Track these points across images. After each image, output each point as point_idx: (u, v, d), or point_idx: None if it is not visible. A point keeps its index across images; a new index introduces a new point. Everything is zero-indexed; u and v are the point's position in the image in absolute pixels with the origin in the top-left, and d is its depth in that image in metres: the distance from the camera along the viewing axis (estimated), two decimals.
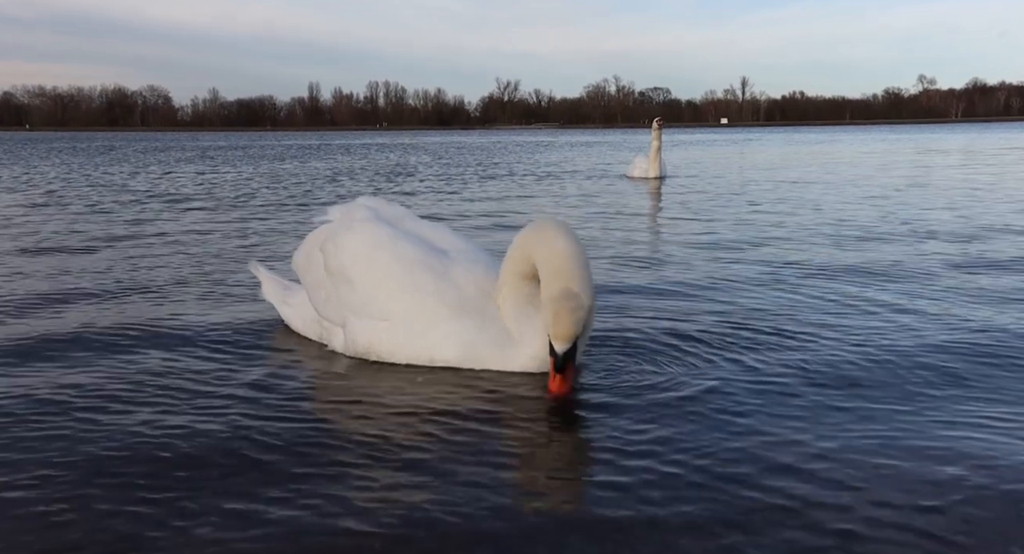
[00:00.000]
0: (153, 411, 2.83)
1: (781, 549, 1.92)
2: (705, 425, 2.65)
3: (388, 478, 2.29)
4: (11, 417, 2.77)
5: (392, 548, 1.95)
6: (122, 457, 2.45)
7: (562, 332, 2.83)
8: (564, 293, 2.86)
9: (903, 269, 5.41)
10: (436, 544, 1.96)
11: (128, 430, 2.65)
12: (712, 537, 1.98)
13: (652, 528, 2.02)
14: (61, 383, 3.12)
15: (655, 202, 10.56)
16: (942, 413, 2.76)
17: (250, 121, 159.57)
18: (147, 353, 3.54)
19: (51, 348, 3.61)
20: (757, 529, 2.00)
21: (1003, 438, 2.55)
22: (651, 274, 5.34)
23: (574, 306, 2.84)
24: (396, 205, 3.81)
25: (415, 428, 2.66)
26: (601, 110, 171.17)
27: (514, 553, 1.93)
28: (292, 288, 3.95)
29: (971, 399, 2.90)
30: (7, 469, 2.36)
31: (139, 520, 2.07)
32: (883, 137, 45.64)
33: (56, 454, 2.47)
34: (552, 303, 2.86)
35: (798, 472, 2.30)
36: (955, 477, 2.27)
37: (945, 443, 2.51)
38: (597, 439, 2.56)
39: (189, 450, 2.49)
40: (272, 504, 2.14)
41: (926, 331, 3.78)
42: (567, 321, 2.82)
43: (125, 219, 8.90)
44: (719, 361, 3.33)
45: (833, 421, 2.69)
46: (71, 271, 5.61)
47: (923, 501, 2.13)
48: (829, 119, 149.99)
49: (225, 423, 2.71)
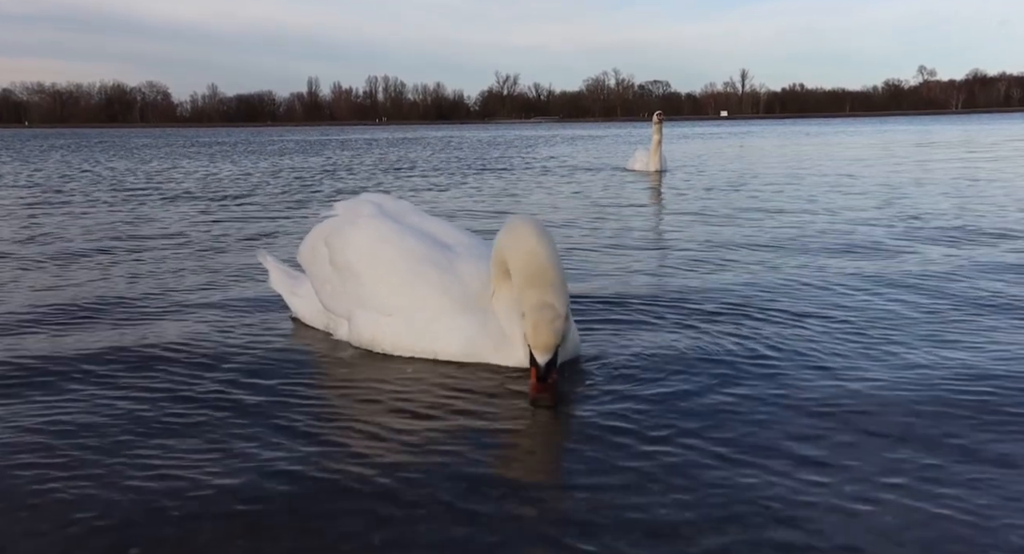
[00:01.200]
0: (154, 386, 2.94)
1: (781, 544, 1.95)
2: (702, 415, 2.69)
3: (384, 468, 2.34)
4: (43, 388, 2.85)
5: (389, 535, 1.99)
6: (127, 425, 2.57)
7: (542, 343, 2.82)
8: (540, 304, 2.85)
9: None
10: (429, 527, 2.00)
11: (128, 405, 2.75)
12: (708, 528, 1.99)
13: (646, 516, 2.04)
14: (67, 354, 3.21)
15: (655, 196, 10.58)
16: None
17: (249, 117, 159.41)
18: (155, 336, 3.63)
19: (61, 321, 3.73)
20: (759, 523, 2.00)
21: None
22: (650, 269, 5.38)
23: (551, 317, 2.83)
24: (401, 200, 3.85)
25: (412, 416, 2.73)
26: (601, 103, 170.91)
27: (507, 541, 1.95)
28: (299, 278, 4.00)
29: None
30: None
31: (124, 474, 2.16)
32: (884, 129, 45.60)
33: (64, 415, 2.55)
34: (530, 315, 2.84)
35: (801, 468, 2.32)
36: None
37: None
38: (594, 428, 2.59)
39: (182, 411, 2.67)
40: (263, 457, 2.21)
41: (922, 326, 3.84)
42: (546, 332, 2.81)
43: (128, 213, 8.95)
44: (720, 356, 3.35)
45: (842, 414, 2.72)
46: (75, 265, 5.67)
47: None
48: (829, 111, 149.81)
49: (217, 408, 2.82)
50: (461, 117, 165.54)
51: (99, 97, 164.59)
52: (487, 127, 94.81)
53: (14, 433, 2.63)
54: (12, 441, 2.57)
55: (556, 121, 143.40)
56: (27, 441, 2.56)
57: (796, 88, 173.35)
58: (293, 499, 2.16)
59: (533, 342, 2.82)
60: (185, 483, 2.26)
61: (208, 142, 40.64)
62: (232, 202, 10.32)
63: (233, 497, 2.17)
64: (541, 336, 2.81)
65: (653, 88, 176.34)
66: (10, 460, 2.43)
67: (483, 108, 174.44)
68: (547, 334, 2.81)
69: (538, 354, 2.82)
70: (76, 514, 2.10)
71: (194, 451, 2.47)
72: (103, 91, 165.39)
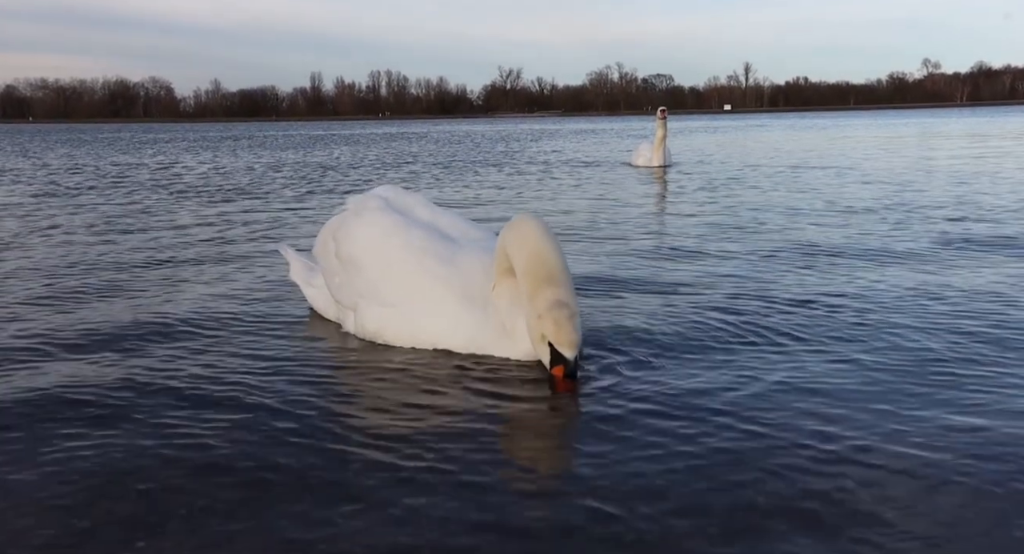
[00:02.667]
0: (171, 363, 3.07)
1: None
2: (708, 406, 2.73)
3: (388, 452, 2.40)
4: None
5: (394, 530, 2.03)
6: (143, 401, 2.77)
7: (567, 340, 2.87)
8: (555, 303, 2.89)
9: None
10: (433, 521, 2.03)
11: (128, 387, 2.89)
12: (710, 517, 2.02)
13: (652, 507, 2.06)
14: (87, 322, 3.30)
15: (658, 191, 10.54)
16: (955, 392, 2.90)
17: (252, 111, 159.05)
18: (162, 324, 3.76)
19: (69, 304, 3.81)
20: (764, 517, 2.02)
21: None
22: (651, 265, 5.41)
23: (569, 314, 2.88)
24: (413, 193, 3.90)
25: (414, 406, 2.79)
26: (604, 97, 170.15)
27: (512, 531, 1.98)
28: (316, 270, 4.08)
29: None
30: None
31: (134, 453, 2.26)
32: (888, 122, 45.41)
33: (71, 397, 2.66)
34: (547, 315, 2.88)
35: (808, 459, 2.34)
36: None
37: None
38: (600, 421, 2.62)
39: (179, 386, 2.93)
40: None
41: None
42: (568, 329, 2.86)
43: (144, 206, 9.03)
44: (721, 351, 3.37)
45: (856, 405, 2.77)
46: (87, 258, 5.76)
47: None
48: (833, 104, 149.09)
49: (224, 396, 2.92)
50: (464, 111, 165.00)
51: (102, 92, 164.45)
52: (490, 121, 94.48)
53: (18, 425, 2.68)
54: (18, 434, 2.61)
55: (559, 115, 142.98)
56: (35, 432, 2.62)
57: (800, 81, 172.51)
58: (295, 498, 2.17)
59: (558, 341, 2.87)
60: (187, 469, 2.32)
61: (217, 137, 40.62)
62: (244, 196, 10.38)
63: (235, 485, 2.23)
64: (565, 334, 2.87)
65: (656, 82, 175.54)
66: (15, 451, 2.48)
67: (486, 102, 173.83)
68: (570, 331, 2.87)
69: (565, 351, 2.88)
70: (79, 505, 2.12)
71: (194, 438, 2.52)
72: (106, 86, 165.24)
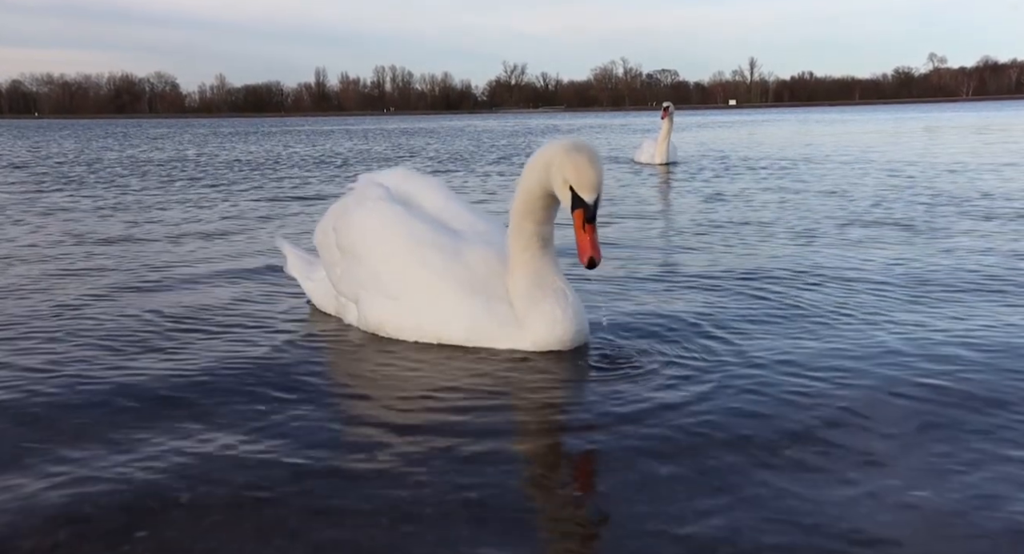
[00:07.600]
0: (173, 359, 3.12)
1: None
2: (710, 398, 2.71)
3: (389, 450, 2.39)
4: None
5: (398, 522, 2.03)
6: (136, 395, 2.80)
7: (588, 180, 2.83)
8: (574, 146, 2.86)
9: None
10: (435, 512, 2.03)
11: (131, 384, 2.90)
12: (717, 513, 2.01)
13: (657, 502, 2.05)
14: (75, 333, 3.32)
15: (660, 188, 10.51)
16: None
17: (257, 107, 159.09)
18: (163, 318, 3.80)
19: (73, 297, 3.83)
20: (771, 515, 2.00)
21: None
22: (653, 262, 5.40)
23: (590, 153, 2.85)
24: (427, 176, 3.84)
25: (416, 400, 2.79)
26: (609, 93, 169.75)
27: (514, 522, 1.98)
28: (314, 263, 4.04)
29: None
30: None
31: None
32: (894, 116, 45.25)
33: (69, 392, 2.68)
34: (569, 158, 2.84)
35: (811, 457, 2.32)
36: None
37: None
38: (604, 418, 2.59)
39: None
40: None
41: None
42: (590, 169, 2.83)
43: (149, 198, 9.06)
44: (724, 349, 3.32)
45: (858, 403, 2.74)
46: (94, 252, 5.78)
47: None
48: (838, 99, 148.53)
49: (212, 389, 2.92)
50: (469, 107, 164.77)
51: (108, 88, 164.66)
52: (495, 117, 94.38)
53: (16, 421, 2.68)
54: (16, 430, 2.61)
55: (564, 110, 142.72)
56: (33, 427, 2.62)
57: (805, 76, 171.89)
58: (299, 481, 2.19)
59: (578, 181, 2.83)
60: (190, 462, 2.32)
61: (227, 133, 40.67)
62: (251, 186, 10.41)
63: (239, 478, 2.22)
64: (585, 173, 2.83)
65: (661, 77, 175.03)
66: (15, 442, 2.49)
67: (491, 98, 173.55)
68: (591, 171, 2.83)
69: (584, 193, 2.84)
70: (81, 497, 2.12)
71: (197, 434, 2.53)
72: (112, 82, 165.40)
